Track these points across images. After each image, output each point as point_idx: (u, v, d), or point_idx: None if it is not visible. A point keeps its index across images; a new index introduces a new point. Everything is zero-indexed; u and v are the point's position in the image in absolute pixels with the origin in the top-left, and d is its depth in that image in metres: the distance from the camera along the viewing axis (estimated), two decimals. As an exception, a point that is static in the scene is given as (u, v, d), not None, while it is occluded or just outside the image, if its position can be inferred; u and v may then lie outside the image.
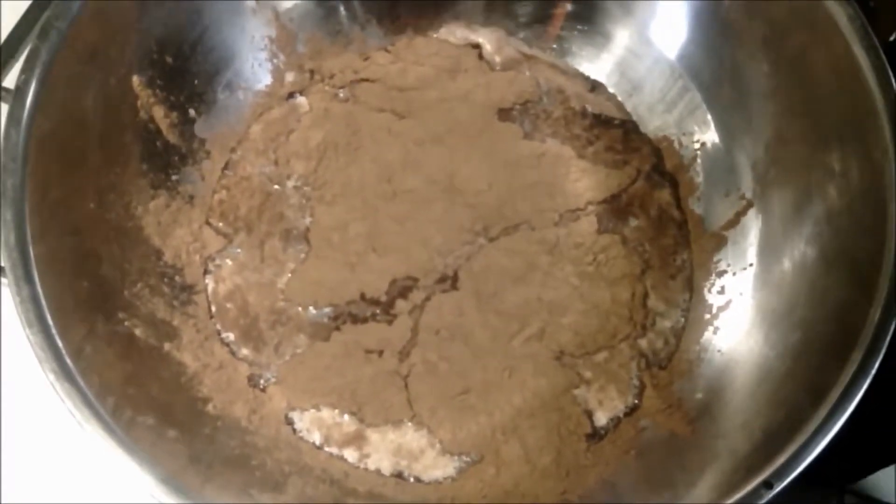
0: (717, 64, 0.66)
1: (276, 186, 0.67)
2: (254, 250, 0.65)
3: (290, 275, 0.64)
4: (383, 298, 0.64)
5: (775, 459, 0.46)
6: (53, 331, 0.48)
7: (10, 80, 0.54)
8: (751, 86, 0.63)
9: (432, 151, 0.68)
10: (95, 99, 0.58)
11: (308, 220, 0.66)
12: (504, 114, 0.71)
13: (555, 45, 0.73)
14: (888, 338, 0.48)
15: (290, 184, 0.68)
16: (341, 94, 0.71)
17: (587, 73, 0.73)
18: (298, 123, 0.70)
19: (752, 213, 0.64)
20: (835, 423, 0.47)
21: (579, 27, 0.72)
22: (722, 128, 0.67)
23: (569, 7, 0.71)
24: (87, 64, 0.57)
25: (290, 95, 0.71)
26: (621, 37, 0.71)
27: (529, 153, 0.69)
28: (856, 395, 0.47)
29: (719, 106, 0.67)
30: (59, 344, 0.48)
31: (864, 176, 0.54)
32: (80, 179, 0.56)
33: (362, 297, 0.64)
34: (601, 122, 0.72)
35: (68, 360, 0.48)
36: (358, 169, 0.67)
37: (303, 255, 0.65)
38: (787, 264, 0.60)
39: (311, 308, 0.63)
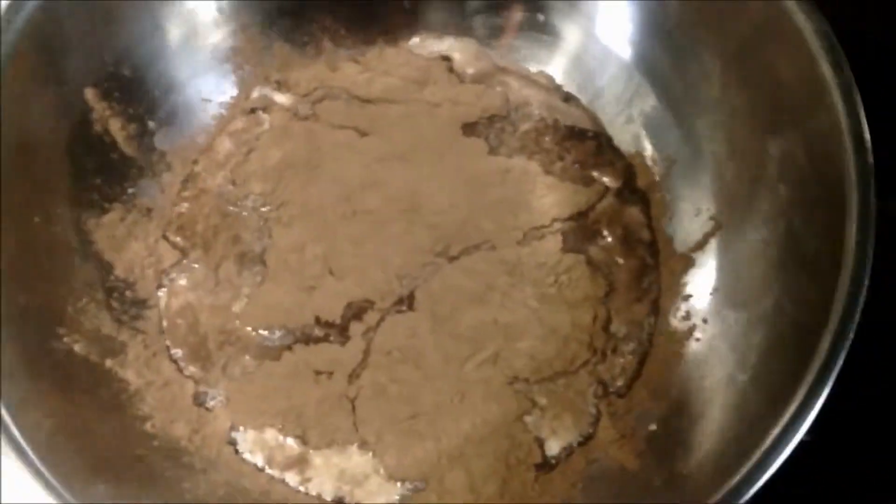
0: (678, 71, 0.64)
1: (233, 208, 0.66)
2: (209, 272, 0.64)
3: (245, 299, 0.63)
4: (338, 321, 0.62)
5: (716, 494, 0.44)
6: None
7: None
8: (715, 99, 0.61)
9: (394, 169, 0.67)
10: (45, 112, 0.58)
11: (265, 242, 0.65)
12: (469, 129, 0.69)
13: (518, 53, 0.71)
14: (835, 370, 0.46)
15: (248, 204, 0.66)
16: (302, 111, 0.69)
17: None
18: (257, 142, 0.68)
19: (720, 234, 0.62)
20: (774, 460, 0.46)
21: (535, 34, 0.70)
22: (690, 143, 0.64)
23: (520, 15, 0.70)
24: (35, 78, 0.56)
25: (252, 111, 0.70)
26: (573, 37, 0.69)
27: (494, 169, 0.67)
28: (792, 440, 0.45)
29: (685, 118, 0.65)
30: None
31: (828, 199, 0.51)
32: (24, 194, 0.56)
33: (317, 320, 0.62)
34: (574, 134, 0.69)
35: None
36: (317, 188, 0.66)
37: (259, 279, 0.64)
38: (750, 290, 0.57)
39: (262, 330, 0.62)
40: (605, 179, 0.67)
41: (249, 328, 0.62)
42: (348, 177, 0.66)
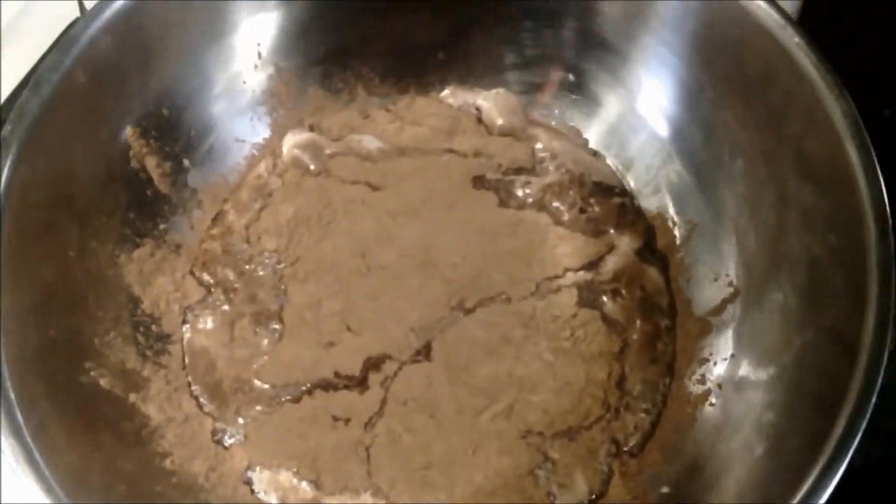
0: (708, 144, 0.65)
1: (248, 266, 0.67)
2: (224, 327, 0.65)
3: (264, 357, 0.64)
4: (357, 374, 0.63)
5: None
6: (8, 383, 0.48)
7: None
8: (743, 171, 0.62)
9: (406, 224, 0.68)
10: (85, 149, 0.59)
11: (281, 299, 0.66)
12: (478, 181, 0.70)
13: (551, 111, 0.73)
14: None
15: (263, 261, 0.67)
16: (313, 168, 0.70)
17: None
18: (270, 199, 0.69)
19: (738, 301, 0.62)
20: None
21: (573, 96, 0.72)
22: (713, 210, 0.65)
23: (560, 74, 0.71)
24: (77, 116, 0.58)
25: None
26: (612, 107, 0.70)
27: (505, 221, 0.68)
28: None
29: (711, 187, 0.65)
30: (12, 397, 0.48)
31: (852, 277, 0.52)
32: (61, 228, 0.57)
33: (336, 374, 0.63)
34: (601, 189, 0.71)
35: (19, 416, 0.48)
36: (331, 244, 0.67)
37: (276, 335, 0.64)
38: (768, 359, 0.58)
39: (279, 385, 0.63)
40: (625, 238, 0.68)
41: (266, 385, 0.63)
42: (362, 232, 0.67)
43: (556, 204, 0.70)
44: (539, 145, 0.72)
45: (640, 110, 0.69)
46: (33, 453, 0.47)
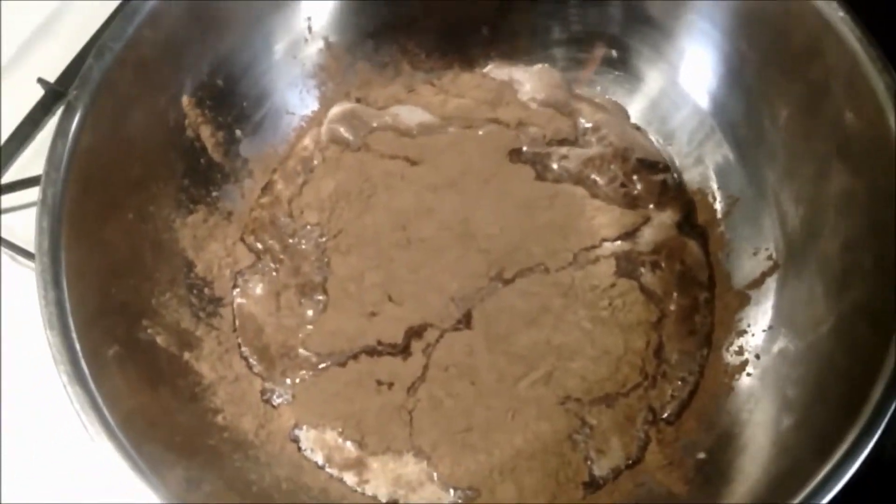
0: (750, 118, 0.66)
1: (292, 240, 0.69)
2: (271, 297, 0.67)
3: (309, 327, 0.66)
4: (399, 342, 0.65)
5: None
6: (74, 336, 0.51)
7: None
8: (784, 145, 0.63)
9: (445, 197, 0.69)
10: (144, 116, 0.62)
11: (325, 271, 0.68)
12: (515, 155, 0.72)
13: (593, 87, 0.74)
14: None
15: (306, 234, 0.69)
16: (352, 143, 0.72)
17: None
18: (311, 174, 0.71)
19: (777, 274, 0.63)
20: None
21: (616, 72, 0.73)
22: (754, 185, 0.66)
23: (604, 50, 0.72)
24: (138, 83, 0.60)
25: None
26: (655, 82, 0.71)
27: (542, 194, 0.70)
28: (833, 489, 0.46)
29: (752, 162, 0.66)
30: (77, 348, 0.51)
31: (885, 249, 0.53)
32: (121, 192, 0.60)
33: (379, 343, 0.65)
34: (644, 166, 0.71)
35: (83, 365, 0.51)
36: (372, 217, 0.69)
37: (320, 306, 0.67)
38: (805, 331, 0.59)
39: (324, 353, 0.65)
40: (667, 212, 0.69)
41: (312, 353, 0.65)
42: (401, 205, 0.69)
43: (595, 177, 0.71)
44: (582, 119, 0.73)
45: (682, 85, 0.70)
46: (97, 399, 0.50)
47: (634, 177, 0.71)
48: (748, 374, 0.62)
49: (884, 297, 0.51)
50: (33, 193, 0.67)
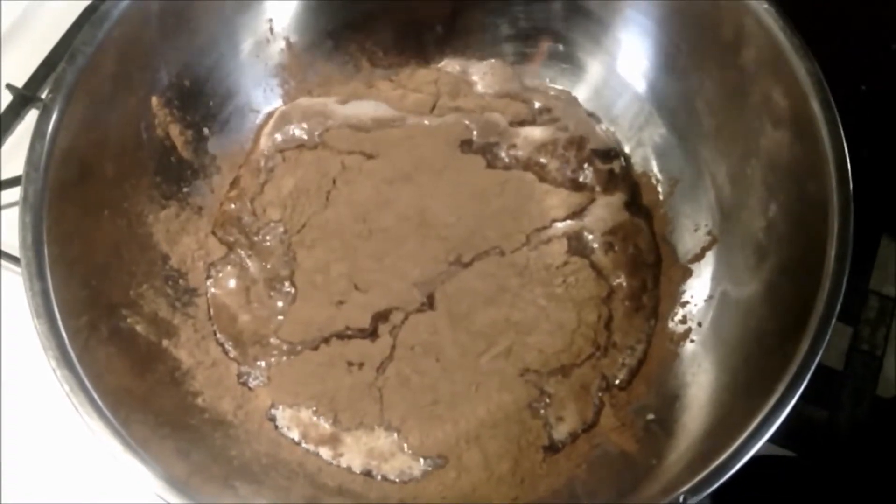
0: (685, 103, 0.71)
1: (257, 238, 0.72)
2: (241, 291, 0.70)
3: (280, 317, 0.69)
4: (367, 327, 0.69)
5: (693, 479, 0.50)
6: (59, 322, 0.54)
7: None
8: (716, 127, 0.68)
9: (402, 189, 0.73)
10: (116, 117, 0.64)
11: (291, 265, 0.71)
12: (466, 146, 0.75)
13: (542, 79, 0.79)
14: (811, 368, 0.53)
15: (270, 231, 0.72)
16: (308, 142, 0.76)
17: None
18: (271, 174, 0.74)
19: (715, 248, 0.68)
20: (742, 457, 0.51)
21: (562, 64, 0.78)
22: (692, 165, 0.71)
23: (549, 44, 0.77)
24: (109, 85, 0.63)
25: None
26: (596, 72, 0.76)
27: (493, 181, 0.74)
28: (759, 441, 0.51)
29: (689, 144, 0.71)
30: (63, 334, 0.54)
31: (811, 218, 0.58)
32: (96, 189, 0.63)
33: (347, 328, 0.68)
34: (599, 154, 0.76)
35: (70, 349, 0.54)
36: (333, 211, 0.72)
37: (290, 297, 0.70)
38: (740, 298, 0.64)
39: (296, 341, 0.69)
40: (617, 195, 0.74)
41: (284, 342, 0.68)
42: (360, 199, 0.73)
43: (544, 160, 0.75)
44: (537, 103, 0.78)
45: (621, 73, 0.75)
46: (84, 382, 0.53)
47: (586, 165, 0.75)
48: (691, 341, 0.67)
49: (806, 263, 0.57)
50: (9, 195, 0.70)
